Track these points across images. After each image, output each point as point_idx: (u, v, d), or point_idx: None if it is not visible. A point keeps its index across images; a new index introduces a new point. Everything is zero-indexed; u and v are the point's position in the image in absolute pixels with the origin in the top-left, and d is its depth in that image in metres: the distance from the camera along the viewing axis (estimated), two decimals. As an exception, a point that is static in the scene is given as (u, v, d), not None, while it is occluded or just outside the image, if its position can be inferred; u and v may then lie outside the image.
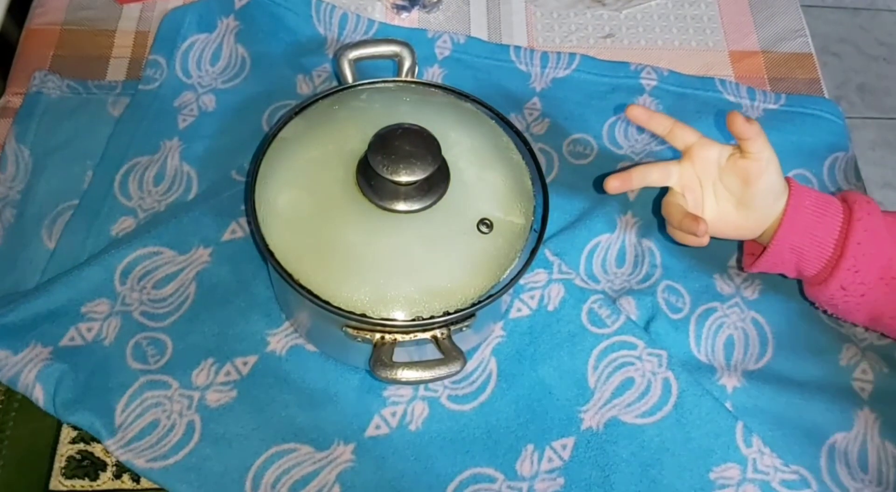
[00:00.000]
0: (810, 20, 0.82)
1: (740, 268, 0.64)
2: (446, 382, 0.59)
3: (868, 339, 0.63)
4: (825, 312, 0.61)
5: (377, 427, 0.57)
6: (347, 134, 0.54)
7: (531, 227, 0.53)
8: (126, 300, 0.60)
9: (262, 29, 0.74)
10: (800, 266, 0.58)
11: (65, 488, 0.54)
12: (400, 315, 0.50)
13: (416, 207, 0.51)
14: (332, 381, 0.58)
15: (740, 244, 0.65)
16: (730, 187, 0.58)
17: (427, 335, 0.51)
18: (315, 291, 0.50)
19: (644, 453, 0.57)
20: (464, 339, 0.55)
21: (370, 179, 0.51)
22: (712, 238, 0.59)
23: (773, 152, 0.57)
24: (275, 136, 0.55)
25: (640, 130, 0.72)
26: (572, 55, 0.75)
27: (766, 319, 0.63)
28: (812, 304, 0.62)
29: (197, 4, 0.73)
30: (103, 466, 0.55)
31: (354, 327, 0.51)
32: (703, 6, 0.82)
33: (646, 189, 0.67)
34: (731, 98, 0.74)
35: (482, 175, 0.54)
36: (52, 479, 0.54)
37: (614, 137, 0.72)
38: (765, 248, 0.58)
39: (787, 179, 0.59)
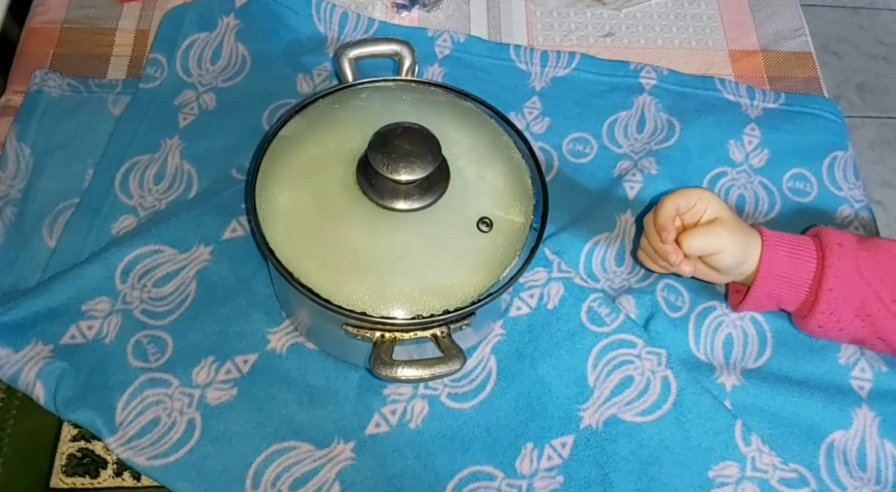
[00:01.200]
0: (810, 19, 0.82)
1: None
2: (446, 380, 0.59)
3: (867, 338, 0.63)
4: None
5: (377, 425, 0.57)
6: (348, 133, 0.54)
7: (531, 225, 0.53)
8: (127, 298, 0.60)
9: (262, 28, 0.74)
10: (780, 306, 0.60)
11: (65, 486, 0.54)
12: (400, 313, 0.50)
13: (416, 205, 0.51)
14: (332, 379, 0.58)
15: None
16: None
17: (427, 334, 0.51)
18: (315, 290, 0.50)
19: (643, 452, 0.57)
20: (463, 337, 0.55)
21: (370, 178, 0.51)
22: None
23: (726, 237, 0.56)
24: (275, 134, 0.55)
25: (640, 129, 0.72)
26: (572, 54, 0.75)
27: (765, 317, 0.63)
28: None
29: (197, 3, 0.73)
30: (104, 464, 0.55)
31: (354, 326, 0.51)
32: (703, 5, 0.82)
33: (645, 190, 0.67)
34: (731, 97, 0.74)
35: (482, 174, 0.54)
36: (53, 477, 0.54)
37: (614, 136, 0.72)
38: (748, 289, 0.59)
39: (759, 229, 0.58)
